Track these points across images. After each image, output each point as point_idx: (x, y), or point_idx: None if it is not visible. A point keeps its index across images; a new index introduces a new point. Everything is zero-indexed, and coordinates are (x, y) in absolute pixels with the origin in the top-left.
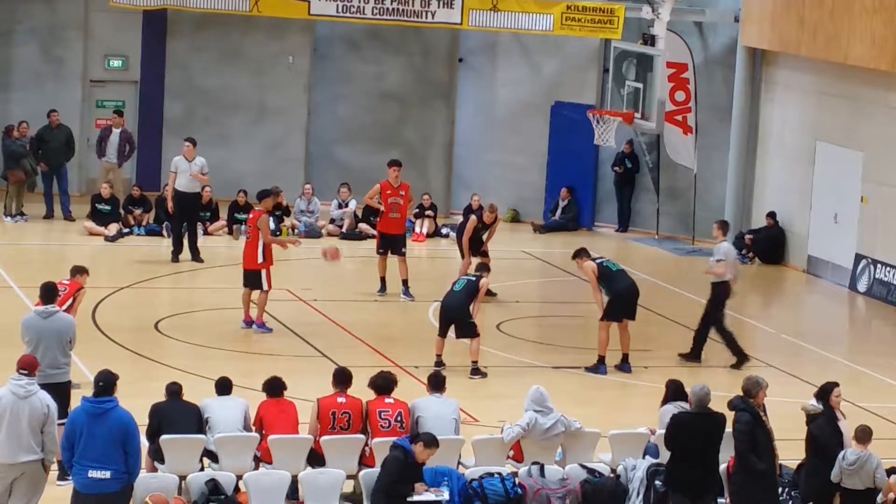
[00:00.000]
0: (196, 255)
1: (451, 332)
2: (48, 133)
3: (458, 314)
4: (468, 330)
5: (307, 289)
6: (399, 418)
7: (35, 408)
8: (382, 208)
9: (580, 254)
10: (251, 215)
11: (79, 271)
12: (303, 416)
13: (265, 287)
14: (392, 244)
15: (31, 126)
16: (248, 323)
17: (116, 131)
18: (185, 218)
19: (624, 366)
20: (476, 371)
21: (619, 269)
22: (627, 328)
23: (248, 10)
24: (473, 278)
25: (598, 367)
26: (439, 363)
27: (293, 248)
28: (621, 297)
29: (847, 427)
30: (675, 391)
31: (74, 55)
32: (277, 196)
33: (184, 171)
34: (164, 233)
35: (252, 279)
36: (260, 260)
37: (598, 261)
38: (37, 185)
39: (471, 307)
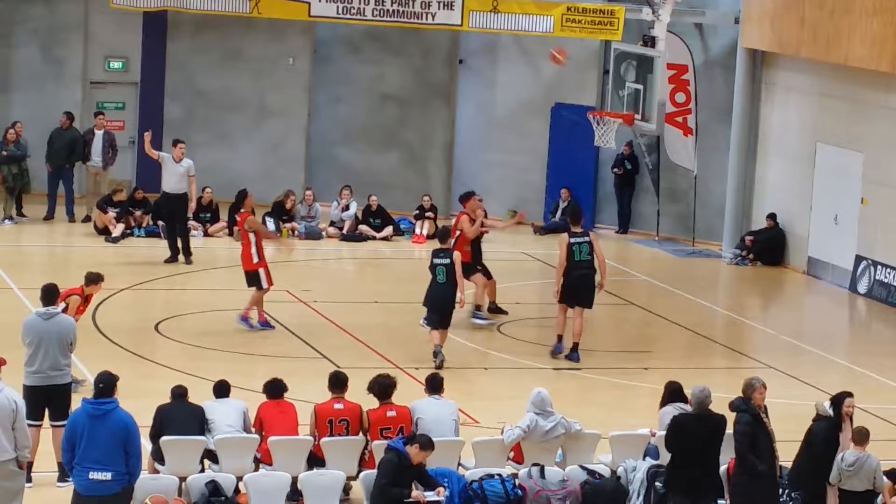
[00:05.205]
0: (187, 257)
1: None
2: (56, 134)
3: (448, 307)
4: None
5: (307, 290)
6: (401, 433)
7: (3, 406)
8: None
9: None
10: (238, 219)
11: (87, 279)
12: (303, 418)
13: (264, 286)
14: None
15: (31, 127)
16: (264, 324)
17: (99, 133)
18: (172, 219)
19: (573, 355)
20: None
21: (580, 260)
22: (581, 316)
23: (249, 11)
24: (447, 260)
25: (556, 346)
26: (438, 355)
27: (294, 250)
28: (569, 284)
29: (847, 437)
30: (672, 393)
31: (74, 56)
32: (287, 197)
33: (171, 173)
34: (162, 234)
35: (251, 279)
36: (255, 260)
37: (572, 240)
38: (14, 190)
39: (457, 297)
